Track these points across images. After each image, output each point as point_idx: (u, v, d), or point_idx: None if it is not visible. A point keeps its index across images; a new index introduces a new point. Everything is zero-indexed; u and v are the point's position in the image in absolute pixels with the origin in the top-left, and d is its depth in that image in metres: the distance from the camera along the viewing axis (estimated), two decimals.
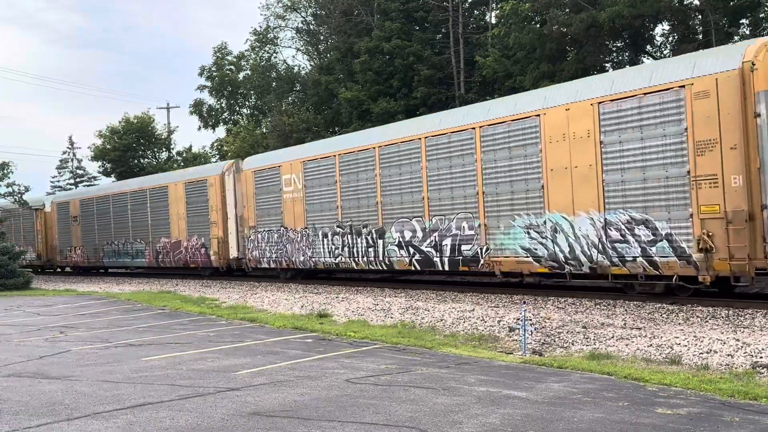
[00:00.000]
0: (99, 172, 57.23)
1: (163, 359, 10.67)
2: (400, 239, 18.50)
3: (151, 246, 30.55)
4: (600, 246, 13.92)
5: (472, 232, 16.57)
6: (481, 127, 16.37)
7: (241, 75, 51.92)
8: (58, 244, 37.33)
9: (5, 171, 33.10)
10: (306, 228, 21.98)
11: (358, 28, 38.30)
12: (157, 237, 30.23)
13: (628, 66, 26.30)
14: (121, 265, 33.78)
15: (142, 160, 56.11)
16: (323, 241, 21.27)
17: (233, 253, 25.94)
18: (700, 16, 25.26)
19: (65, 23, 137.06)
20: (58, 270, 40.19)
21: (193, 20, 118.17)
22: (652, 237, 13.17)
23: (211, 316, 16.37)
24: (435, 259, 17.59)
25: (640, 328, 11.18)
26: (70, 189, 56.13)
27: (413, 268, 18.44)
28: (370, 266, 19.73)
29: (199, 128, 53.80)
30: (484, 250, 16.33)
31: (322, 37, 46.95)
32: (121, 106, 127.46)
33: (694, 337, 10.11)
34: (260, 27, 49.68)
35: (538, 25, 26.77)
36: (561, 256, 14.66)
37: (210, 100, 53.19)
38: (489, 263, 16.26)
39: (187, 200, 28.11)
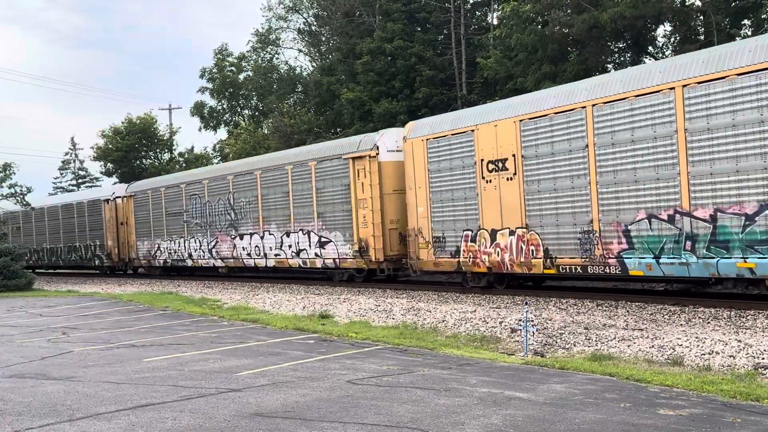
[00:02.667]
0: (101, 173, 57.36)
1: (164, 360, 10.68)
2: None
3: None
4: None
5: None
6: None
7: (242, 76, 51.93)
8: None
9: (7, 172, 33.13)
10: None
11: (359, 29, 38.31)
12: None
13: (629, 66, 26.30)
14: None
15: (144, 161, 56.16)
16: None
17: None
18: (702, 17, 25.23)
19: (66, 23, 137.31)
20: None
21: (194, 20, 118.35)
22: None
23: (212, 317, 16.38)
24: None
25: (642, 329, 11.18)
26: (72, 190, 56.19)
27: None
28: None
29: (200, 129, 53.84)
30: None
31: (323, 38, 46.96)
32: (122, 107, 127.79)
33: (696, 338, 10.11)
34: (262, 28, 49.72)
35: (539, 26, 26.76)
36: None
37: (211, 102, 53.25)
38: None
39: None
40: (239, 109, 53.90)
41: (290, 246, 23.18)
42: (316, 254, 22.13)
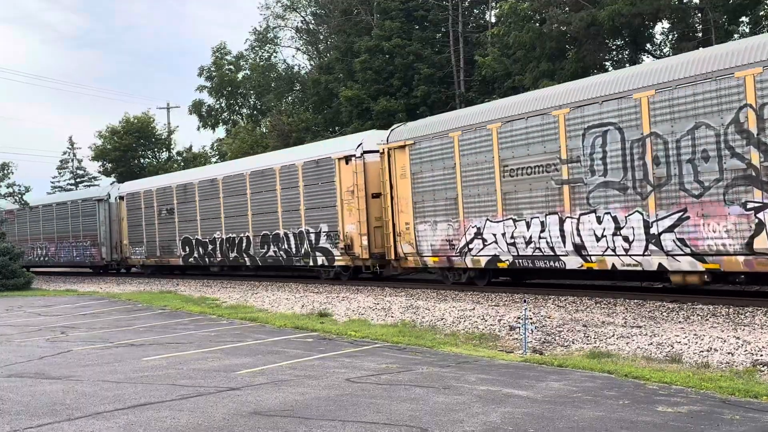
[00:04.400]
0: (99, 172, 57.32)
1: (163, 359, 10.68)
2: None
3: None
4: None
5: None
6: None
7: (240, 75, 51.91)
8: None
9: (5, 171, 33.06)
10: None
11: (357, 28, 38.29)
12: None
13: (627, 64, 26.32)
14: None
15: (142, 160, 56.12)
16: None
17: None
18: (699, 15, 25.24)
19: (65, 23, 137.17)
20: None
21: (194, 19, 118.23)
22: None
23: (211, 316, 16.39)
24: None
25: (640, 327, 11.19)
26: (70, 189, 56.13)
27: None
28: None
29: (199, 128, 53.82)
30: None
31: (321, 37, 46.94)
32: (122, 106, 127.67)
33: (695, 335, 10.12)
34: (260, 26, 49.70)
35: (537, 24, 26.76)
36: None
37: (209, 101, 53.22)
38: None
39: None
40: (237, 108, 53.89)
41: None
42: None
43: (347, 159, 21.04)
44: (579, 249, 14.79)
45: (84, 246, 34.99)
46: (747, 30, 24.59)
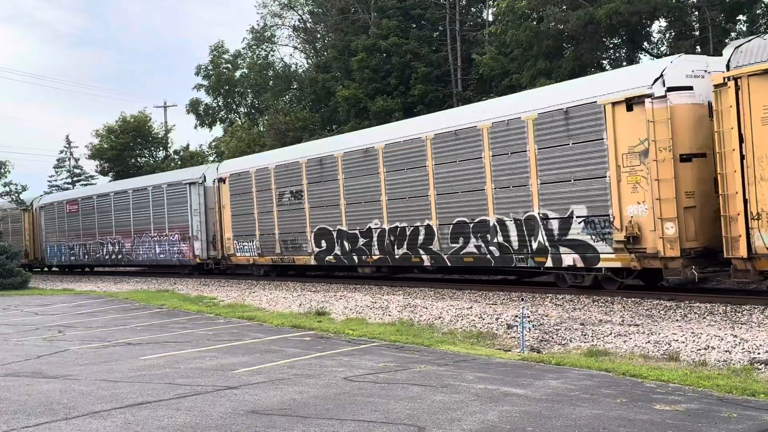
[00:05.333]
0: (96, 172, 57.26)
1: (161, 358, 10.67)
2: None
3: None
4: None
5: None
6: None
7: (237, 73, 51.86)
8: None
9: (2, 170, 33.04)
10: None
11: (355, 26, 38.25)
12: None
13: (625, 63, 26.34)
14: None
15: (139, 160, 56.07)
16: None
17: None
18: (696, 13, 25.26)
19: (63, 22, 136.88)
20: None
21: (191, 17, 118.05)
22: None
23: (209, 315, 16.37)
24: None
25: (638, 325, 11.20)
26: (67, 188, 56.05)
27: None
28: None
29: (196, 127, 53.78)
30: None
31: (319, 35, 46.89)
32: (119, 105, 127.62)
33: (692, 333, 10.13)
34: (257, 25, 49.66)
35: (534, 22, 26.76)
36: None
37: (207, 99, 53.17)
38: None
39: None
40: (235, 107, 53.85)
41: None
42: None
43: (630, 103, 13.88)
44: None
45: (170, 241, 28.65)
46: (744, 28, 24.62)
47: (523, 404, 7.15)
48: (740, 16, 25.28)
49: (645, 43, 27.81)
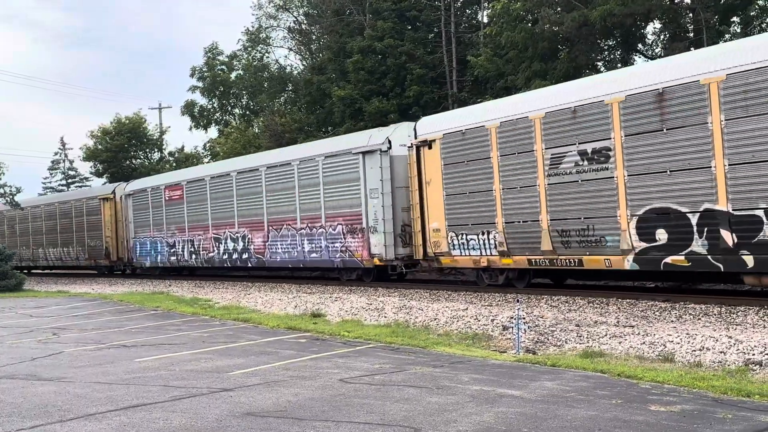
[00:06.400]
0: (91, 173, 57.15)
1: (156, 360, 10.65)
2: None
3: None
4: None
5: None
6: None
7: (233, 75, 51.80)
8: None
9: None
10: None
11: (350, 28, 38.25)
12: None
13: (619, 65, 26.39)
14: None
15: (134, 161, 56.00)
16: None
17: None
18: (691, 15, 25.32)
19: (57, 22, 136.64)
20: None
21: (187, 18, 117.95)
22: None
23: (204, 317, 16.35)
24: None
25: (633, 326, 11.21)
26: (62, 190, 55.93)
27: None
28: None
29: (191, 128, 53.69)
30: None
31: (314, 37, 46.87)
32: (114, 106, 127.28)
33: (687, 334, 10.14)
34: (252, 27, 49.61)
35: (529, 24, 26.79)
36: None
37: (202, 101, 53.11)
38: None
39: None
40: (230, 108, 53.78)
41: None
42: None
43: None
44: None
45: (329, 235, 20.96)
46: (738, 30, 24.70)
47: (519, 405, 7.15)
48: (734, 18, 25.35)
49: (639, 45, 27.88)
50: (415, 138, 18.42)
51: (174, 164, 54.11)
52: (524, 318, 11.59)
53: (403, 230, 19.30)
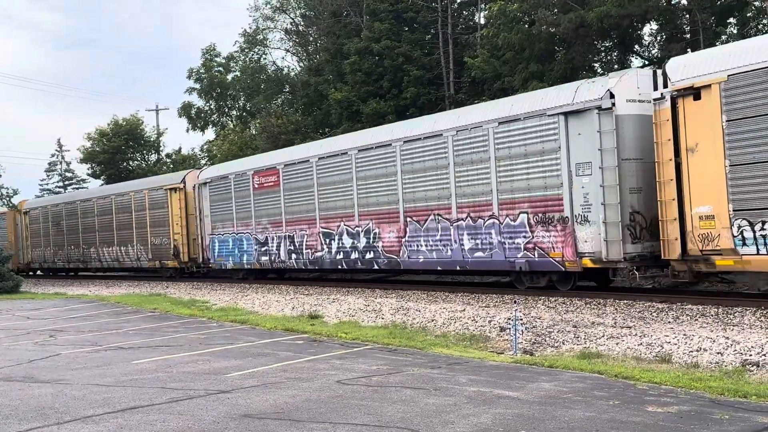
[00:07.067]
0: (88, 175, 57.11)
1: (153, 362, 10.64)
2: None
3: None
4: None
5: None
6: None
7: (229, 77, 51.80)
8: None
9: None
10: None
11: (347, 29, 38.26)
12: None
13: (616, 67, 26.43)
14: None
15: (131, 163, 55.96)
16: None
17: None
18: (687, 16, 25.36)
19: (53, 23, 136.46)
20: None
21: (184, 19, 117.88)
22: None
23: (201, 319, 16.33)
24: None
25: (630, 327, 11.22)
26: (59, 192, 55.86)
27: None
28: None
29: (188, 130, 53.68)
30: None
31: (311, 38, 46.88)
32: (110, 108, 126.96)
33: (684, 335, 10.15)
34: (249, 28, 49.61)
35: (526, 26, 26.82)
36: None
37: (199, 102, 53.09)
38: None
39: None
40: (227, 110, 53.77)
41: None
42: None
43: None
44: None
45: (505, 228, 15.84)
46: (735, 31, 24.74)
47: (516, 407, 7.16)
48: (731, 19, 25.40)
49: (636, 46, 27.92)
50: (665, 86, 12.80)
51: (171, 166, 54.05)
52: (521, 319, 11.60)
53: (632, 219, 14.04)
